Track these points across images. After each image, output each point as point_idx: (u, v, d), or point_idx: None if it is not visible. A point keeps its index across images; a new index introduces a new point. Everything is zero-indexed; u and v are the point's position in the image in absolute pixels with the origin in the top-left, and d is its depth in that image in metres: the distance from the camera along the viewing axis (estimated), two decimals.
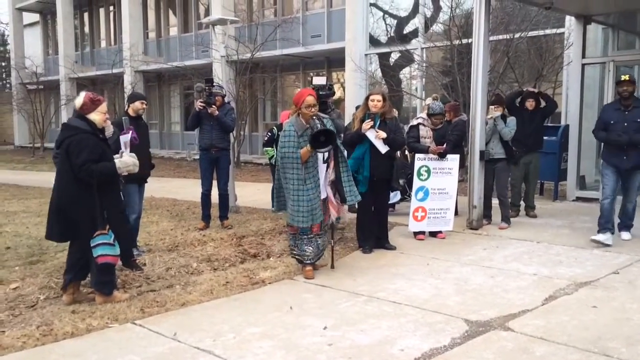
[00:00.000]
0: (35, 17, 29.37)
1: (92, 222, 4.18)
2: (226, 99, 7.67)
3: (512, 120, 7.15)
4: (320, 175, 5.06)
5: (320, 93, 6.32)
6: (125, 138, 4.79)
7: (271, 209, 5.55)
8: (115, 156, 4.48)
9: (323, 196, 5.12)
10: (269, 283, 4.96)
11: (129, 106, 5.98)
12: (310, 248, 5.12)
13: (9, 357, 3.46)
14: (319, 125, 5.02)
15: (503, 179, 7.24)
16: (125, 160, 4.39)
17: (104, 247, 4.18)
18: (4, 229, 7.41)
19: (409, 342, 3.61)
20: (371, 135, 5.80)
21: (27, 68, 24.18)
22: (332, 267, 5.35)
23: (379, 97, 5.86)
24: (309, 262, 5.14)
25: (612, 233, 6.11)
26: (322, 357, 3.43)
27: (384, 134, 5.79)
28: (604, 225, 6.07)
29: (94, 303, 4.37)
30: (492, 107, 7.21)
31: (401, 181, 7.38)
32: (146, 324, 3.99)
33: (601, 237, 6.00)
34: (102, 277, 4.37)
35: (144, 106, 5.99)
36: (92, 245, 4.18)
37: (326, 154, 5.06)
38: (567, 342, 3.54)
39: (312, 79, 7.11)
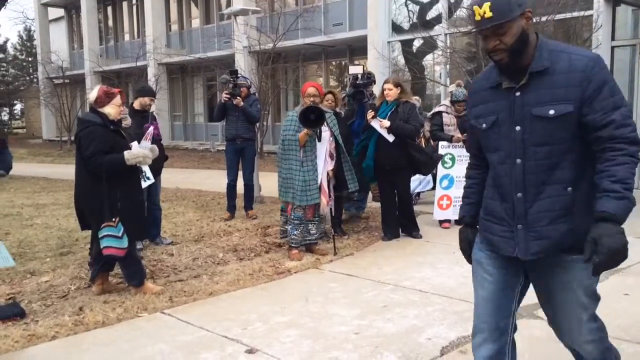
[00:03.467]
0: (60, 12, 29.79)
1: (101, 213, 4.16)
2: (251, 90, 7.68)
3: None
4: (319, 161, 5.36)
5: (357, 82, 6.31)
6: (149, 130, 4.83)
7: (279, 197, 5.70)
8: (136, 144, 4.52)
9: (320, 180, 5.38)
10: (295, 272, 4.98)
11: (135, 99, 5.88)
12: (297, 232, 5.39)
13: (43, 345, 3.55)
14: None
15: None
16: (134, 152, 4.28)
17: (109, 239, 4.14)
18: (34, 221, 7.57)
19: (436, 331, 3.60)
20: (376, 125, 5.84)
21: (53, 63, 24.56)
22: (335, 253, 5.49)
23: (390, 86, 5.94)
24: (294, 245, 5.41)
25: None
26: (349, 345, 3.43)
27: (387, 123, 5.78)
28: None
29: (124, 293, 4.45)
30: None
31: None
32: (175, 313, 4.04)
33: None
34: (127, 269, 4.43)
35: (152, 102, 5.90)
36: (99, 236, 4.16)
37: (327, 138, 5.38)
38: None
39: (348, 68, 7.06)
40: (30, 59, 38.83)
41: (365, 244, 5.90)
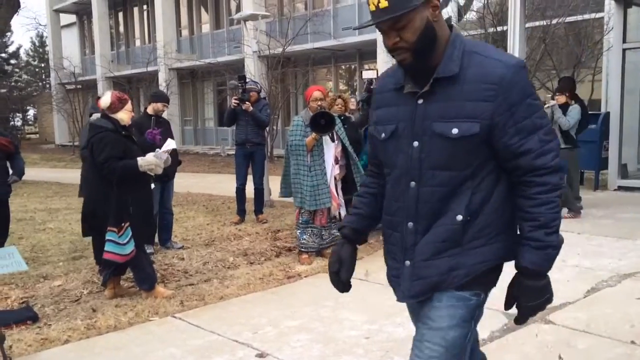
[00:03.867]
0: (72, 18, 30.10)
1: (107, 219, 4.18)
2: (261, 94, 7.71)
3: (573, 108, 6.90)
4: (327, 166, 5.37)
5: (371, 87, 6.33)
6: (170, 142, 4.88)
7: (278, 194, 5.80)
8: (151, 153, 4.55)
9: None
10: (305, 277, 4.99)
11: (149, 104, 5.95)
12: (306, 236, 5.41)
13: (56, 349, 3.57)
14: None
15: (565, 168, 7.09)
16: (147, 159, 4.31)
17: (110, 243, 4.15)
18: (47, 225, 7.63)
19: None
20: None
21: (66, 68, 24.79)
22: None
23: None
24: (304, 249, 5.43)
25: None
26: (359, 350, 3.43)
27: None
28: None
29: (135, 297, 4.48)
30: (555, 95, 7.10)
31: None
32: (186, 317, 4.06)
33: None
34: (138, 274, 4.45)
35: (165, 108, 5.98)
36: (105, 239, 4.18)
37: (334, 139, 5.40)
38: (610, 335, 3.46)
39: (361, 73, 7.13)
40: (42, 65, 39.21)
41: (375, 248, 5.87)
